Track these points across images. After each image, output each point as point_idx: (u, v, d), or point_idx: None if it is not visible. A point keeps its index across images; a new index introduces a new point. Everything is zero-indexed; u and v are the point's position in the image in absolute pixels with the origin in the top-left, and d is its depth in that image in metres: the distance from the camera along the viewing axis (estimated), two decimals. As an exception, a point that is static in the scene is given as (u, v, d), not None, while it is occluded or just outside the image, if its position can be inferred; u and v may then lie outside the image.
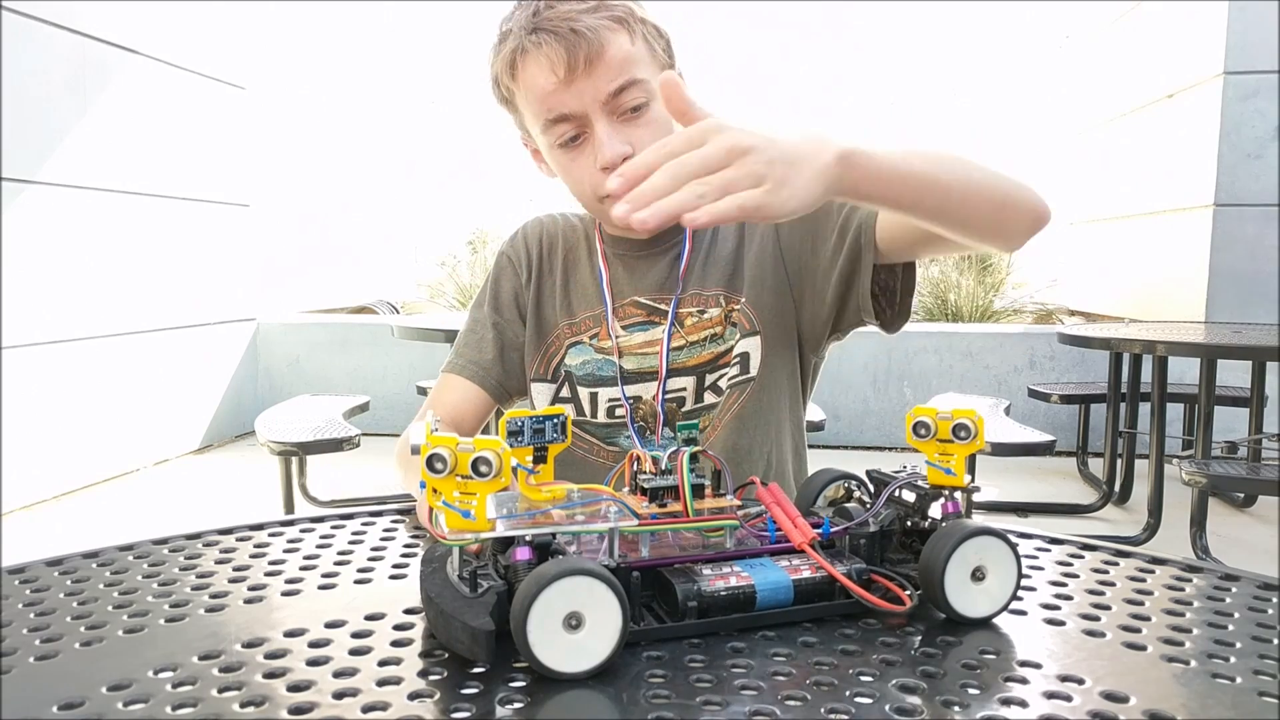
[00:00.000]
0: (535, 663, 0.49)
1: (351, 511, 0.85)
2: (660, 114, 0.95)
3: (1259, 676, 0.51)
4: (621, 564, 0.55)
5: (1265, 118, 4.20)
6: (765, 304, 1.03)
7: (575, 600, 0.49)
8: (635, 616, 0.54)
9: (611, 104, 0.93)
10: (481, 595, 0.53)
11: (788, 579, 0.56)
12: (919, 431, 0.61)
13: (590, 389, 1.06)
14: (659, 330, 1.04)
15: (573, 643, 0.49)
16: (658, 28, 0.97)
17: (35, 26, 3.52)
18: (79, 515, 3.44)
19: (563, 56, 0.90)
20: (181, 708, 0.47)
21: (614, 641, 0.49)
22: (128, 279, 4.04)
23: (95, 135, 3.83)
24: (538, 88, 0.93)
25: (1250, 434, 3.30)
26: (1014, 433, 2.79)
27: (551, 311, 1.10)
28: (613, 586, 0.49)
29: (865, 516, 0.61)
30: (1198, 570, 0.69)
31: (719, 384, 1.04)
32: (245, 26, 4.91)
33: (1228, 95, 4.23)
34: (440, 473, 0.50)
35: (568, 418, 0.61)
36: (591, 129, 0.94)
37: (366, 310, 6.21)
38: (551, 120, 0.95)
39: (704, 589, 0.54)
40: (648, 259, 1.07)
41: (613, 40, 0.91)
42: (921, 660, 0.52)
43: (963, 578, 0.57)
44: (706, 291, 1.05)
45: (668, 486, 0.58)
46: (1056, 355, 4.52)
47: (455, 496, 0.51)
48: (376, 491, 3.44)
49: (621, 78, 0.92)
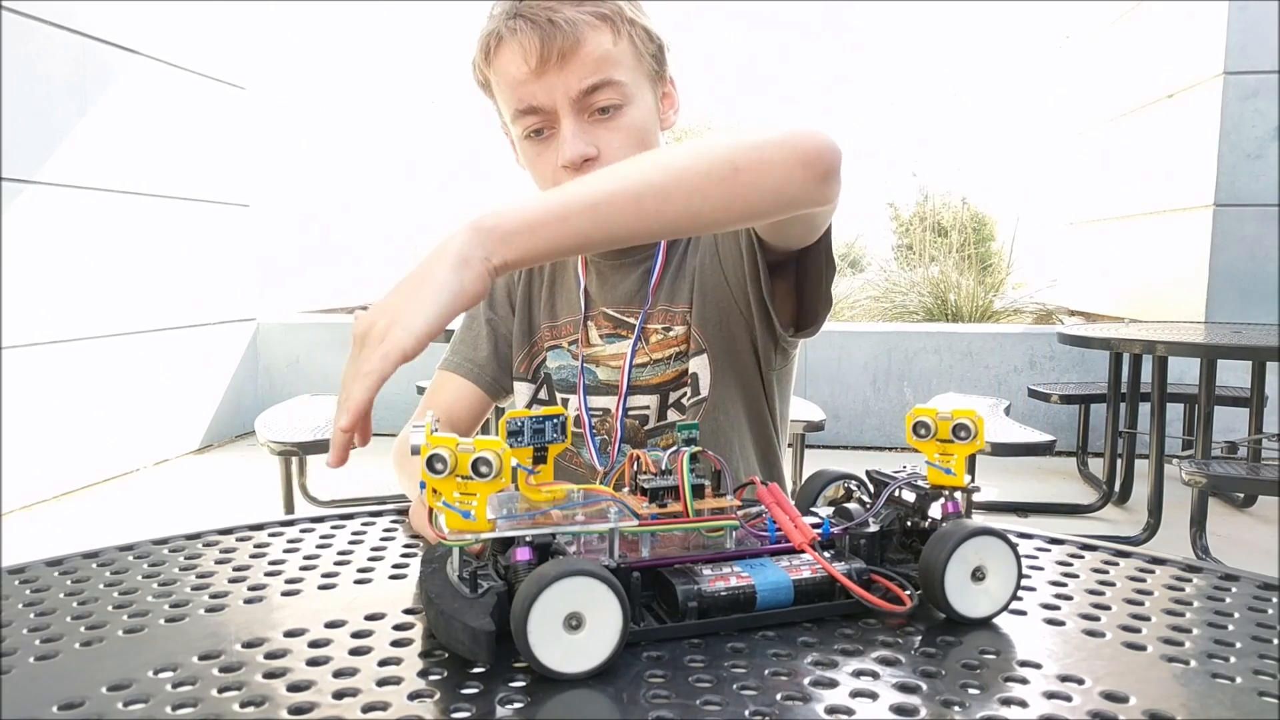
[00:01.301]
0: (535, 663, 0.49)
1: (351, 511, 0.85)
2: (635, 120, 0.92)
3: (1259, 676, 0.51)
4: (622, 564, 0.55)
5: (1265, 117, 4.20)
6: (709, 320, 0.99)
7: (575, 601, 0.49)
8: (635, 617, 0.54)
9: (581, 102, 0.90)
10: (482, 596, 0.53)
11: (788, 579, 0.56)
12: (919, 431, 0.61)
13: (564, 394, 1.05)
14: (625, 344, 1.02)
15: (573, 643, 0.49)
16: (649, 31, 0.93)
17: (35, 26, 3.52)
18: (79, 515, 3.44)
19: (535, 46, 0.87)
20: (181, 708, 0.47)
21: (614, 642, 0.49)
22: (127, 279, 4.04)
23: (95, 135, 3.83)
24: (509, 75, 0.91)
25: (1250, 434, 3.30)
26: (1014, 433, 2.80)
27: (537, 313, 1.09)
28: (613, 587, 0.49)
29: (865, 516, 0.61)
30: (1198, 570, 0.69)
31: (682, 402, 1.01)
32: (245, 26, 4.91)
33: (1228, 95, 4.23)
34: (440, 473, 0.50)
35: (567, 418, 0.61)
36: (558, 125, 0.91)
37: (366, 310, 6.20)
38: (521, 110, 0.92)
39: (704, 589, 0.55)
40: (620, 270, 1.04)
41: (591, 37, 0.88)
42: (921, 660, 0.52)
43: (963, 578, 0.57)
44: (674, 308, 1.01)
45: (668, 487, 0.58)
46: (1056, 355, 4.52)
47: (455, 497, 0.51)
48: (376, 491, 3.44)
49: (594, 76, 0.89)
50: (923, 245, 7.16)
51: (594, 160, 0.91)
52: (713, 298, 1.00)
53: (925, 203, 7.61)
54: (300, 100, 5.75)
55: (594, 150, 0.90)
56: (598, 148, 0.91)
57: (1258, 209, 4.23)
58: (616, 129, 0.91)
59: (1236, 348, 2.64)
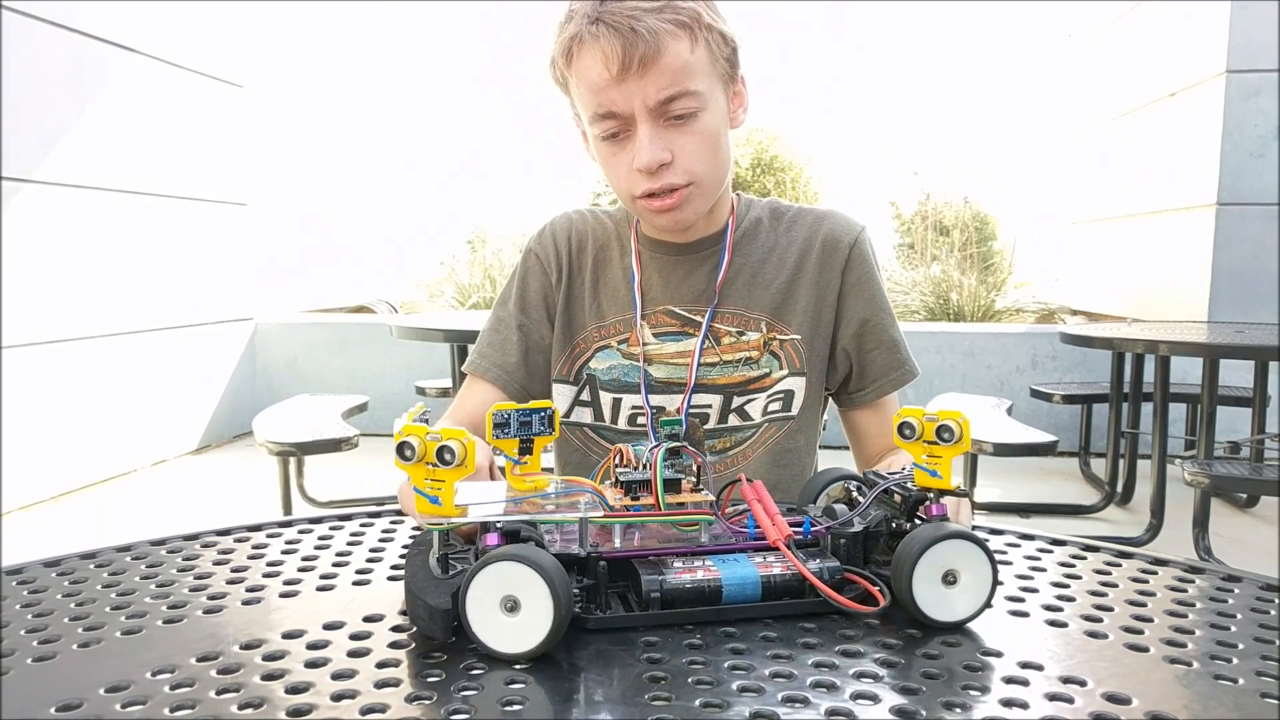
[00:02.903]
0: (477, 642, 0.51)
1: (349, 512, 0.85)
2: (709, 125, 0.94)
3: (1261, 678, 0.51)
4: (592, 554, 0.56)
5: (1268, 116, 4.19)
6: (815, 348, 1.04)
7: (509, 585, 0.51)
8: (603, 605, 0.56)
9: (659, 110, 0.91)
10: (451, 577, 0.56)
11: (756, 575, 0.57)
12: (904, 433, 0.60)
13: (614, 394, 1.04)
14: (691, 342, 1.03)
15: (509, 625, 0.51)
16: (724, 35, 0.95)
17: (33, 25, 3.52)
18: (77, 516, 3.44)
19: (618, 53, 0.88)
20: (180, 709, 0.46)
21: (547, 627, 0.51)
22: (125, 278, 4.04)
23: (93, 134, 3.83)
24: (590, 80, 0.92)
25: (1253, 434, 3.29)
26: (1016, 433, 2.79)
27: (581, 313, 1.08)
28: (545, 575, 0.51)
29: (850, 516, 0.61)
30: (1200, 571, 0.69)
31: (746, 409, 1.03)
32: (243, 25, 4.91)
33: (1230, 94, 4.22)
34: (409, 460, 0.53)
35: (555, 411, 0.62)
36: (635, 129, 0.93)
37: (365, 310, 6.20)
38: (599, 115, 0.94)
39: (669, 581, 0.56)
40: (684, 265, 1.05)
41: (671, 46, 0.89)
42: (923, 662, 0.52)
43: (933, 581, 0.56)
44: (750, 314, 1.03)
45: (642, 480, 0.59)
46: (1059, 355, 4.52)
47: (426, 483, 0.53)
48: (375, 492, 3.44)
49: (674, 87, 0.90)
50: (924, 244, 7.16)
51: (669, 165, 0.93)
52: (823, 332, 1.04)
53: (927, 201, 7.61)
54: (299, 99, 5.75)
55: (669, 155, 0.93)
56: (672, 152, 0.93)
57: (1260, 208, 4.23)
58: (690, 134, 0.93)
59: (1239, 347, 2.63)
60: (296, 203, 5.71)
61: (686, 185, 0.94)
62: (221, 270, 4.77)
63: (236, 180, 4.87)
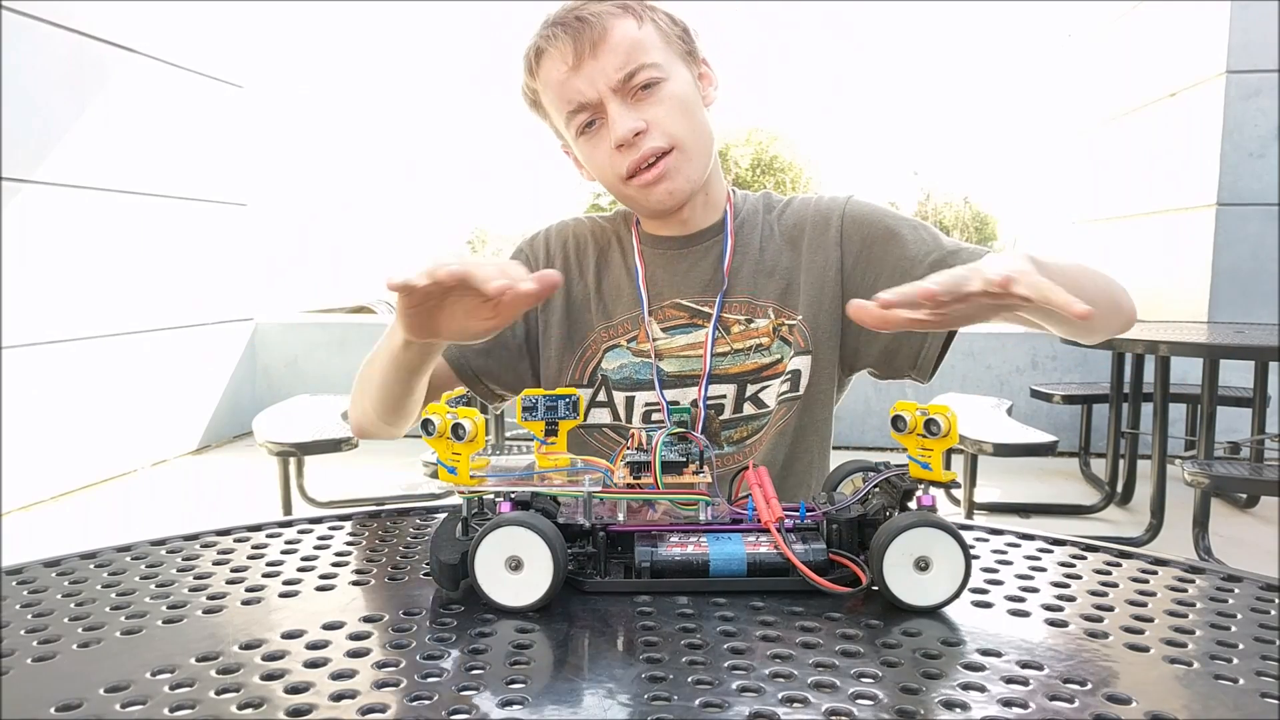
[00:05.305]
0: (484, 596, 0.59)
1: (350, 512, 0.85)
2: (676, 91, 0.96)
3: (1261, 678, 0.51)
4: (597, 525, 0.63)
5: (1268, 116, 4.20)
6: (821, 325, 1.03)
7: (513, 546, 0.58)
8: (603, 571, 0.63)
9: (622, 87, 0.94)
10: (467, 539, 0.62)
11: (743, 553, 0.62)
12: (897, 425, 0.64)
13: (627, 393, 1.04)
14: (702, 333, 1.03)
15: (513, 581, 0.59)
16: (670, 15, 0.99)
17: (33, 25, 3.52)
18: (77, 516, 3.44)
19: (570, 45, 0.93)
20: (179, 709, 0.46)
21: (547, 583, 0.58)
22: (125, 279, 4.04)
23: (92, 134, 3.83)
24: (553, 80, 0.96)
25: (1253, 434, 3.29)
26: (1016, 433, 2.79)
27: (587, 315, 1.07)
28: (545, 537, 0.58)
29: (848, 503, 0.65)
30: (1200, 571, 0.69)
31: (760, 396, 1.02)
32: (243, 25, 4.91)
33: (1230, 94, 4.22)
34: (431, 434, 0.62)
35: (580, 398, 0.67)
36: (605, 111, 0.95)
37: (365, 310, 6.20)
38: (571, 111, 0.96)
39: (660, 553, 0.62)
40: (688, 258, 1.05)
41: (617, 25, 0.94)
42: (922, 662, 0.52)
43: (904, 566, 0.59)
44: (758, 301, 1.04)
45: (644, 461, 0.65)
46: (1059, 355, 4.52)
47: (449, 456, 0.62)
48: (375, 492, 3.44)
49: (631, 63, 0.93)
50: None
51: (644, 133, 0.95)
52: (828, 307, 1.03)
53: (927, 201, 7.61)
54: (299, 99, 5.76)
55: (642, 124, 0.94)
56: (645, 121, 0.95)
57: (1260, 208, 4.23)
58: (659, 101, 0.95)
59: (1239, 348, 2.63)
60: (296, 203, 5.71)
61: (669, 150, 0.95)
62: (221, 270, 4.77)
63: (236, 180, 4.87)
